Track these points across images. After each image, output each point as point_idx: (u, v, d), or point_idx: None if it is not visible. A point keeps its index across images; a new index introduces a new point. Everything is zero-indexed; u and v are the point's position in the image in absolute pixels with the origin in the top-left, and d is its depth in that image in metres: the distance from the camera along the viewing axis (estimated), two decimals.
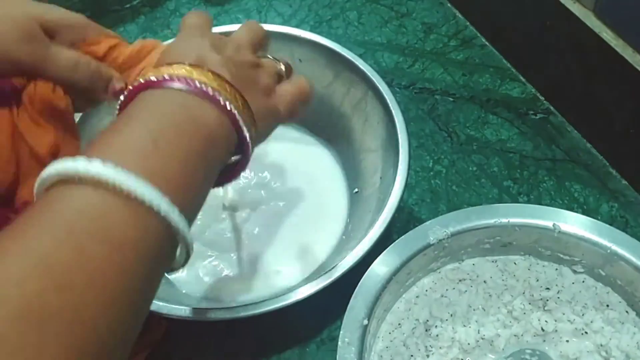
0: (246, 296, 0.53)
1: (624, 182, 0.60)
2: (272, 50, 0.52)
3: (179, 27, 0.39)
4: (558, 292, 0.48)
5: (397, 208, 0.49)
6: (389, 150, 0.54)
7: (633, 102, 0.56)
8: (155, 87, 0.31)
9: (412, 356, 0.46)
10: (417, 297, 0.49)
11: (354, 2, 0.79)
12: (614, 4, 0.54)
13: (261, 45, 0.40)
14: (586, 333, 0.46)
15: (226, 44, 0.36)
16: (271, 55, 0.41)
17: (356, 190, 0.59)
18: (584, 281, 0.49)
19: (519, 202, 0.59)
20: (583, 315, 0.47)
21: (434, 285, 0.50)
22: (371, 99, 0.57)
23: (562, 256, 0.49)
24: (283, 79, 0.40)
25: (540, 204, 0.59)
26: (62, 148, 0.38)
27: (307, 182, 0.60)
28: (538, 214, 0.49)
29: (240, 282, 0.55)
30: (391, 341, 0.47)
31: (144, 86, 0.32)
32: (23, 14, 0.35)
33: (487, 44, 0.73)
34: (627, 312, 0.47)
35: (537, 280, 0.49)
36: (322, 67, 0.60)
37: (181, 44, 0.36)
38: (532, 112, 0.66)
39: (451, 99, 0.68)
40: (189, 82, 0.31)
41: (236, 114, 0.32)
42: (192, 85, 0.31)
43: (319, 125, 0.63)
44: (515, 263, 0.50)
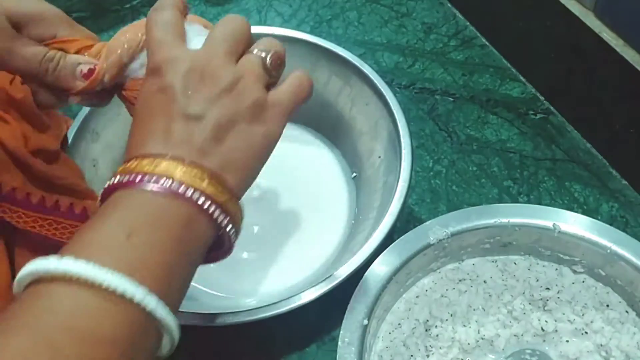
0: (249, 296, 0.54)
1: (624, 182, 0.60)
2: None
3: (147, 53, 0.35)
4: (558, 292, 0.48)
5: (402, 205, 0.49)
6: (382, 131, 0.55)
7: (633, 102, 0.56)
8: (129, 187, 0.30)
9: (412, 356, 0.46)
10: (417, 297, 0.49)
11: (354, 2, 0.79)
12: (614, 4, 0.54)
13: (243, 41, 0.35)
14: (586, 333, 0.46)
15: (199, 80, 0.33)
16: (256, 46, 0.36)
17: (354, 174, 0.60)
18: (584, 281, 0.49)
19: (519, 202, 0.59)
20: (583, 315, 0.47)
21: (434, 285, 0.49)
22: (357, 84, 0.58)
23: (562, 256, 0.49)
24: (272, 73, 0.36)
25: (540, 204, 0.59)
26: (30, 138, 0.38)
27: (306, 176, 0.61)
28: (538, 214, 0.49)
29: (243, 282, 0.55)
30: (391, 341, 0.47)
31: (117, 187, 0.31)
32: None
33: (487, 44, 0.73)
34: (627, 312, 0.47)
35: (537, 280, 0.49)
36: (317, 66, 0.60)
37: (147, 116, 0.33)
38: (532, 112, 0.66)
39: (451, 99, 0.68)
40: (163, 183, 0.30)
41: (218, 217, 0.31)
42: (166, 188, 0.30)
43: (313, 119, 0.63)
44: (515, 263, 0.50)
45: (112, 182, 0.31)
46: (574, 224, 0.48)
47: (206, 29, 0.38)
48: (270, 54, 0.35)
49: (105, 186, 0.31)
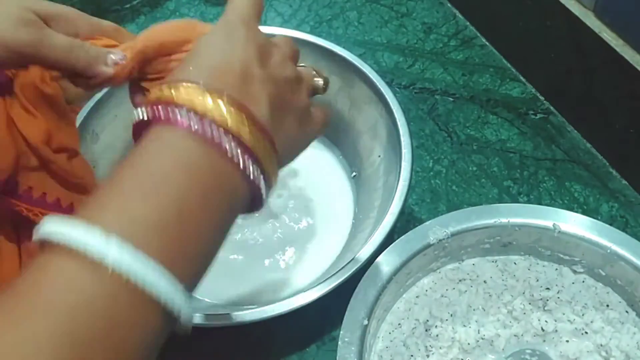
0: (250, 297, 0.54)
1: (624, 182, 0.60)
2: None
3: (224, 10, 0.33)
4: (558, 292, 0.48)
5: (402, 205, 0.49)
6: (381, 130, 0.55)
7: (633, 102, 0.56)
8: (157, 124, 0.27)
9: (412, 356, 0.46)
10: (417, 297, 0.49)
11: (354, 2, 0.79)
12: (614, 4, 0.54)
13: (297, 58, 0.36)
14: (586, 333, 0.46)
15: (272, 51, 0.32)
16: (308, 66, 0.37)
17: (354, 174, 0.60)
18: (584, 281, 0.49)
19: (519, 202, 0.59)
20: (583, 315, 0.47)
21: (434, 285, 0.49)
22: (356, 84, 0.58)
23: (562, 256, 0.49)
24: (318, 93, 0.37)
25: (540, 204, 0.59)
26: (54, 135, 0.38)
27: (306, 176, 0.61)
28: (538, 214, 0.49)
29: (243, 283, 0.55)
30: (391, 341, 0.47)
31: (157, 118, 0.27)
32: (16, 3, 0.35)
33: (487, 44, 0.73)
34: (627, 312, 0.47)
35: (537, 280, 0.49)
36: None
37: (223, 42, 0.30)
38: (532, 112, 0.66)
39: (451, 99, 0.68)
40: (214, 133, 0.26)
41: (261, 181, 0.28)
42: (216, 138, 0.26)
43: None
44: (515, 263, 0.50)
45: (140, 117, 0.28)
46: (574, 224, 0.48)
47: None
48: (323, 80, 0.37)
49: (134, 121, 0.29)
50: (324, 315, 0.51)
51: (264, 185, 0.29)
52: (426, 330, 0.47)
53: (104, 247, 0.22)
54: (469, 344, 0.46)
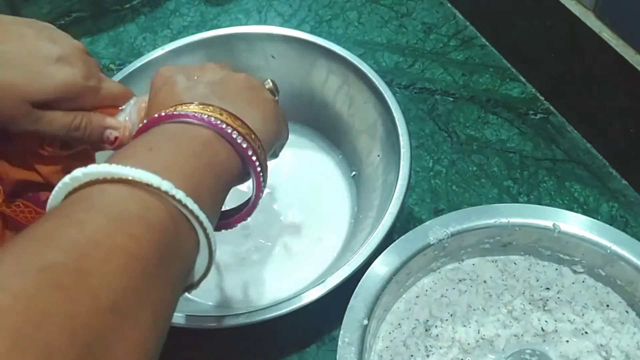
0: (251, 298, 0.54)
1: (624, 182, 0.60)
2: (253, 50, 0.55)
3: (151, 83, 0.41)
4: (558, 292, 0.48)
5: (401, 205, 0.49)
6: (380, 129, 0.56)
7: (633, 102, 0.56)
8: (168, 120, 0.34)
9: (412, 356, 0.46)
10: (417, 297, 0.49)
11: (354, 2, 0.79)
12: (614, 4, 0.54)
13: (228, 67, 0.43)
14: (586, 333, 0.46)
15: (193, 71, 0.40)
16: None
17: (354, 173, 0.60)
18: (584, 281, 0.49)
19: (519, 202, 0.59)
20: (583, 315, 0.47)
21: (434, 285, 0.49)
22: (355, 83, 0.58)
23: (562, 256, 0.49)
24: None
25: (540, 204, 0.59)
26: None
27: (306, 175, 0.61)
28: (538, 214, 0.49)
29: (243, 283, 0.55)
30: (391, 341, 0.47)
31: (157, 120, 0.34)
32: (13, 96, 0.38)
33: (487, 44, 0.73)
34: (627, 312, 0.47)
35: (537, 280, 0.49)
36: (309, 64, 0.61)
37: (163, 90, 0.39)
38: (532, 112, 0.66)
39: (451, 99, 0.68)
40: (200, 117, 0.34)
41: (241, 143, 0.35)
42: (183, 115, 0.34)
43: (311, 118, 0.64)
44: (515, 263, 0.50)
45: (150, 118, 0.35)
46: (574, 224, 0.48)
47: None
48: (271, 81, 0.44)
49: (145, 121, 0.35)
50: (324, 315, 0.51)
51: (251, 153, 0.36)
52: (426, 330, 0.47)
53: (156, 179, 0.28)
54: (469, 344, 0.46)
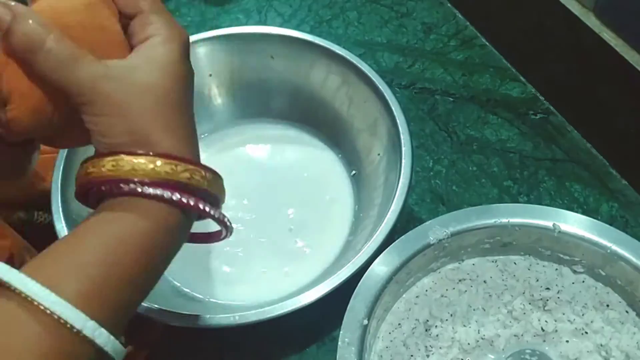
0: (251, 297, 0.54)
1: (624, 182, 0.60)
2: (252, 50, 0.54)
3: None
4: (558, 292, 0.48)
5: (403, 202, 0.49)
6: (381, 128, 0.55)
7: (633, 102, 0.56)
8: (119, 194, 0.30)
9: (412, 356, 0.46)
10: (417, 297, 0.49)
11: (354, 2, 0.79)
12: (614, 4, 0.54)
13: None
14: (586, 333, 0.46)
15: None
16: None
17: (354, 172, 0.60)
18: (584, 281, 0.49)
19: (519, 202, 0.59)
20: (583, 315, 0.47)
21: (434, 285, 0.49)
22: (355, 82, 0.58)
23: (562, 256, 0.49)
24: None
25: (540, 204, 0.59)
26: None
27: (306, 175, 0.61)
28: (538, 214, 0.49)
29: (243, 284, 0.55)
30: (391, 341, 0.47)
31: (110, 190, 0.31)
32: None
33: (487, 44, 0.73)
34: (627, 312, 0.47)
35: (537, 280, 0.49)
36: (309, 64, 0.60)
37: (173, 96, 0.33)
38: (532, 112, 0.66)
39: (451, 99, 0.68)
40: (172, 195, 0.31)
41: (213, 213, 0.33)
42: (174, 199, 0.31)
43: (311, 118, 0.64)
44: (515, 263, 0.50)
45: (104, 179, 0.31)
46: (574, 224, 0.48)
47: None
48: None
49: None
50: (324, 315, 0.50)
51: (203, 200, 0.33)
52: (426, 330, 0.47)
53: (49, 299, 0.26)
54: (469, 344, 0.46)
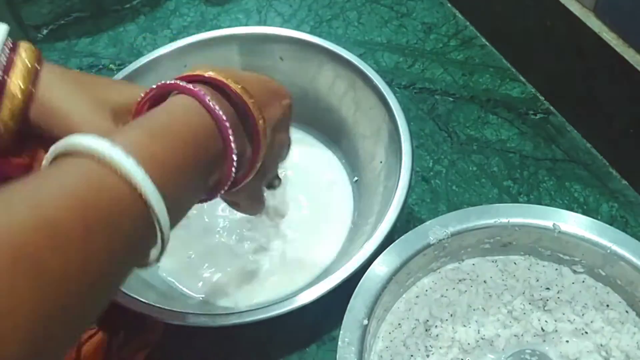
0: (251, 297, 0.54)
1: (624, 182, 0.60)
2: (262, 50, 0.55)
3: None
4: (558, 292, 0.48)
5: (400, 211, 0.49)
6: (384, 136, 0.55)
7: (633, 102, 0.56)
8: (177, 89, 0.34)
9: (412, 356, 0.46)
10: (417, 297, 0.49)
11: (354, 2, 0.79)
12: (614, 4, 0.54)
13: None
14: (586, 333, 0.46)
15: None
16: None
17: (356, 178, 0.60)
18: (584, 281, 0.49)
19: (519, 202, 0.59)
20: (583, 315, 0.47)
21: (434, 285, 0.49)
22: (362, 88, 0.58)
23: (562, 256, 0.49)
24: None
25: (540, 204, 0.59)
26: None
27: (309, 179, 0.61)
28: (538, 214, 0.49)
29: (243, 285, 0.55)
30: (391, 341, 0.47)
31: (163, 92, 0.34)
32: None
33: (487, 44, 0.73)
34: (627, 312, 0.47)
35: (537, 280, 0.49)
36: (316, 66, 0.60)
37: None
38: (532, 112, 0.66)
39: (451, 99, 0.68)
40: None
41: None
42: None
43: (317, 122, 0.63)
44: (515, 263, 0.50)
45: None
46: (574, 224, 0.48)
47: None
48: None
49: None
50: (324, 315, 0.51)
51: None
52: (426, 330, 0.47)
53: (120, 156, 0.27)
54: (469, 344, 0.46)
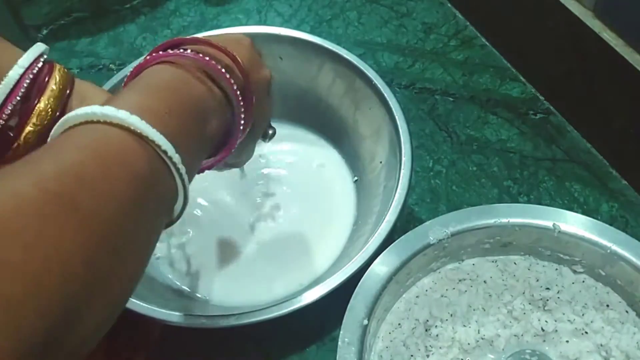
0: (251, 298, 0.54)
1: (624, 182, 0.60)
2: (269, 50, 0.53)
3: None
4: (558, 292, 0.48)
5: (400, 211, 0.49)
6: (384, 136, 0.55)
7: (633, 102, 0.56)
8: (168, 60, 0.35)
9: (412, 356, 0.46)
10: (417, 297, 0.49)
11: (354, 2, 0.79)
12: (614, 4, 0.54)
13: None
14: (586, 333, 0.46)
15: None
16: None
17: (356, 178, 0.60)
18: (584, 281, 0.49)
19: (519, 202, 0.59)
20: (583, 315, 0.47)
21: (434, 285, 0.49)
22: (361, 88, 0.58)
23: (562, 256, 0.49)
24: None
25: (540, 204, 0.58)
26: None
27: (310, 179, 0.61)
28: (538, 214, 0.49)
29: (244, 286, 0.55)
30: (391, 341, 0.47)
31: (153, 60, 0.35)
32: None
33: (487, 44, 0.73)
34: (627, 312, 0.47)
35: (537, 280, 0.49)
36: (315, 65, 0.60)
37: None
38: (532, 112, 0.66)
39: (451, 99, 0.68)
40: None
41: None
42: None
43: (317, 122, 0.63)
44: (515, 263, 0.50)
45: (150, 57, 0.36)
46: (574, 224, 0.48)
47: None
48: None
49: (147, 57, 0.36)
50: (324, 315, 0.51)
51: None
52: (426, 330, 0.47)
53: (116, 112, 0.28)
54: (469, 344, 0.46)
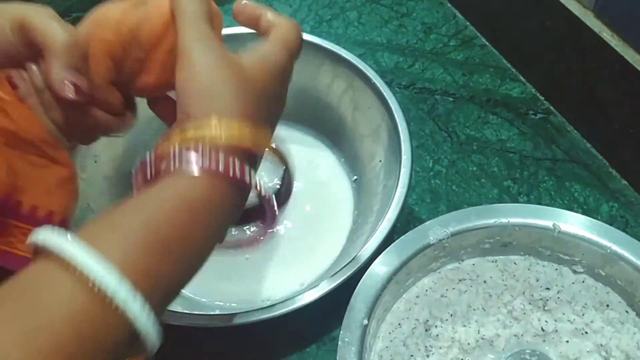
0: (251, 298, 0.54)
1: (624, 182, 0.60)
2: None
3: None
4: (558, 292, 0.48)
5: (400, 210, 0.49)
6: (383, 135, 0.55)
7: (633, 102, 0.56)
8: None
9: (412, 356, 0.46)
10: (417, 297, 0.49)
11: (354, 2, 0.79)
12: (614, 4, 0.54)
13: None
14: (586, 333, 0.46)
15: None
16: None
17: (355, 177, 0.60)
18: (584, 281, 0.49)
19: (519, 202, 0.59)
20: (583, 315, 0.47)
21: (434, 285, 0.49)
22: (360, 88, 0.58)
23: (562, 256, 0.49)
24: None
25: (540, 204, 0.59)
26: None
27: (309, 179, 0.61)
28: (538, 214, 0.49)
29: (244, 286, 0.55)
30: (391, 341, 0.47)
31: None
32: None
33: (487, 44, 0.73)
34: (627, 312, 0.47)
35: (537, 280, 0.49)
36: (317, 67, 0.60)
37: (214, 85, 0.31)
38: (532, 112, 0.66)
39: (451, 99, 0.68)
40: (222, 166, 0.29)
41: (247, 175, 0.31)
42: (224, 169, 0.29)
43: (316, 121, 0.64)
44: (515, 263, 0.50)
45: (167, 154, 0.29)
46: (574, 224, 0.48)
47: None
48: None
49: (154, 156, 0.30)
50: (324, 315, 0.51)
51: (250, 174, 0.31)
52: (426, 330, 0.47)
53: (96, 267, 0.25)
54: (469, 344, 0.46)
